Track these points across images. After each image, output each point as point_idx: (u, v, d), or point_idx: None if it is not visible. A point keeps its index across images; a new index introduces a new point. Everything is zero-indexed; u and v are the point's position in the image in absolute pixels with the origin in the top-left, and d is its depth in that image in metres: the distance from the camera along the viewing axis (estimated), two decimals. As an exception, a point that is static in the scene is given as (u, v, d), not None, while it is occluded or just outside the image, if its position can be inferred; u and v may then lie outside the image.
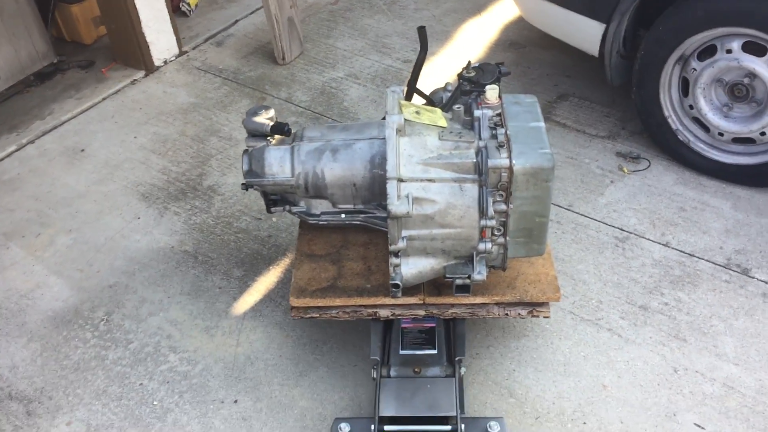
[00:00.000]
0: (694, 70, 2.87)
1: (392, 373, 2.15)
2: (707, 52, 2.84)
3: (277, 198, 2.34)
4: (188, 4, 4.47)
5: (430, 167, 2.00)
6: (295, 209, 2.32)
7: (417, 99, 2.54)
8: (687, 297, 2.59)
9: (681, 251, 2.76)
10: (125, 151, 3.46)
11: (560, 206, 2.98)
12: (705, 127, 2.98)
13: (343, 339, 2.53)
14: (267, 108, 2.27)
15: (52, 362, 2.55)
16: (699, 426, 2.21)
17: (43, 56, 3.92)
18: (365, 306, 2.21)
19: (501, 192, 1.96)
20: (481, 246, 2.04)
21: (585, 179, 3.10)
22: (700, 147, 3.03)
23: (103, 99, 3.83)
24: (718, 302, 2.56)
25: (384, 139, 2.13)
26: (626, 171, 3.13)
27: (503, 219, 2.00)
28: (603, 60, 3.11)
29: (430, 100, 2.46)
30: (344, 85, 3.79)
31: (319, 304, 2.20)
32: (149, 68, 3.98)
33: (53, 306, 2.75)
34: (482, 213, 1.99)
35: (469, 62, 2.26)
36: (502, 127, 2.01)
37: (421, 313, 2.21)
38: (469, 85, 2.19)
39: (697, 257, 2.73)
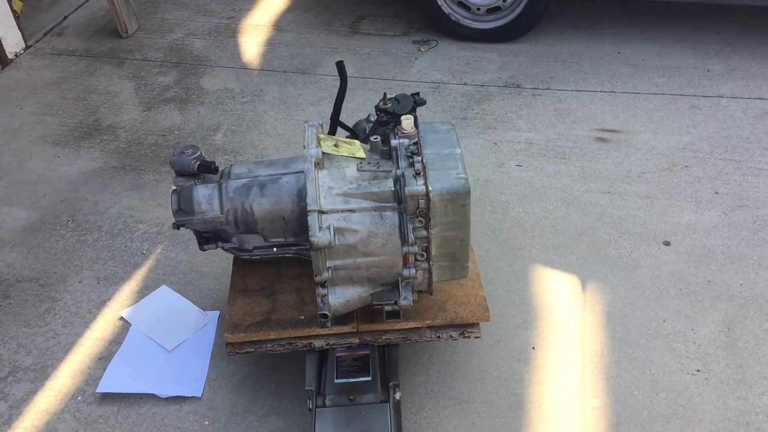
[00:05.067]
0: (451, -34, 4.12)
1: (327, 402, 2.16)
2: (456, -49, 4.10)
3: (209, 235, 2.34)
4: (14, 12, 4.95)
5: (350, 198, 2.03)
6: (227, 245, 2.33)
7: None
8: (488, 107, 3.80)
9: (475, 85, 3.97)
10: (18, 120, 3.97)
11: (387, 79, 4.07)
12: (467, 7, 4.24)
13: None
14: (194, 147, 2.28)
15: (42, 254, 3.10)
16: (518, 165, 3.40)
17: None
18: (300, 337, 2.25)
19: (420, 218, 1.98)
20: (406, 272, 2.07)
21: (397, 61, 4.23)
22: (467, 22, 4.28)
23: (-29, 91, 4.26)
24: (508, 105, 3.80)
25: None
26: (423, 50, 4.30)
27: (425, 244, 2.03)
28: (386, -23, 4.27)
29: (354, 132, 2.48)
30: (187, 41, 4.58)
31: (254, 339, 2.24)
32: (4, 62, 4.45)
33: (19, 224, 3.27)
34: (404, 240, 2.01)
35: (385, 94, 2.31)
36: (419, 155, 2.04)
37: (355, 341, 2.25)
38: (386, 116, 2.25)
39: (487, 86, 3.96)
